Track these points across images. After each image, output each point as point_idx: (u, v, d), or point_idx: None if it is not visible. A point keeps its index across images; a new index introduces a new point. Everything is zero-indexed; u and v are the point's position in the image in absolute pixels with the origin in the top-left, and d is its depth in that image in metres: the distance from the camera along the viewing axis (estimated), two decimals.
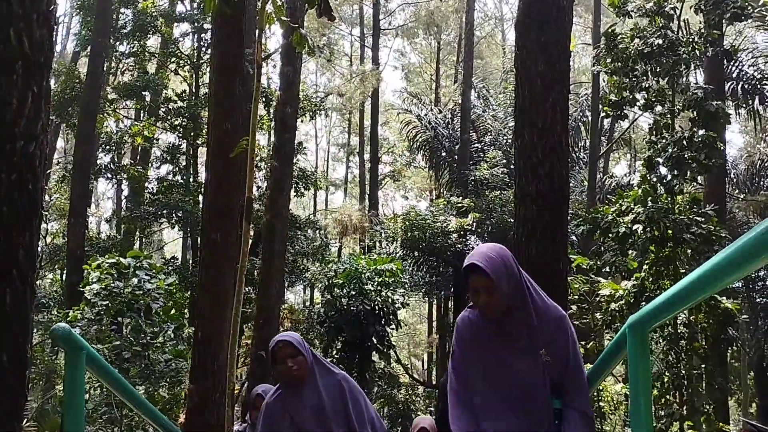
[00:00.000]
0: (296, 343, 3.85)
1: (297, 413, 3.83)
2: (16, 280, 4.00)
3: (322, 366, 3.99)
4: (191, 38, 20.44)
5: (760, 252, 1.31)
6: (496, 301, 2.86)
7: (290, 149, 14.22)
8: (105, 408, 9.53)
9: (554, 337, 2.92)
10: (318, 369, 3.92)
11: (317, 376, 3.89)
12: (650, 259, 9.40)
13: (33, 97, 4.13)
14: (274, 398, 3.96)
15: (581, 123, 21.73)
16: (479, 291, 2.87)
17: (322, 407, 3.82)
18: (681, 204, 9.65)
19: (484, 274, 2.83)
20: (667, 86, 9.96)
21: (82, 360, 2.69)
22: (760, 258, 1.35)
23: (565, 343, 2.95)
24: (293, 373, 3.79)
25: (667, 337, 9.31)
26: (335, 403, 3.84)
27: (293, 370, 3.78)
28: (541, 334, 2.91)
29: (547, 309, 2.97)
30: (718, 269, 1.57)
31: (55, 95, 16.66)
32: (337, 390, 3.89)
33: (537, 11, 6.55)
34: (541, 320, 2.92)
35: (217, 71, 8.28)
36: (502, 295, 2.84)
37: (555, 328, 2.94)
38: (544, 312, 2.95)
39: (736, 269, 1.48)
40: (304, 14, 13.82)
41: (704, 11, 10.77)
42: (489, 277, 2.82)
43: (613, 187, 19.52)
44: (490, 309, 2.90)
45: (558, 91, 6.51)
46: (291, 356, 3.80)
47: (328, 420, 3.80)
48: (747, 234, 1.33)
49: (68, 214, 16.61)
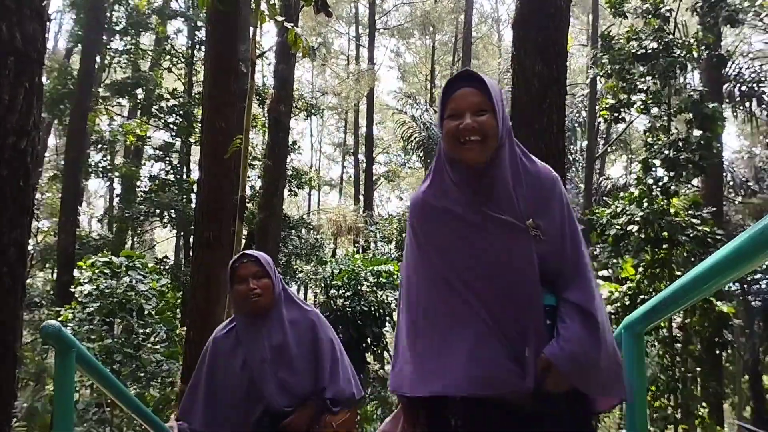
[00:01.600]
0: (264, 262, 3.09)
1: (252, 353, 3.05)
2: (6, 277, 3.95)
3: (292, 300, 3.22)
4: (185, 36, 20.38)
5: (755, 253, 1.32)
6: (488, 129, 2.08)
7: (284, 148, 14.18)
8: (95, 408, 9.46)
9: (546, 203, 2.16)
10: (286, 302, 3.17)
11: (284, 309, 3.14)
12: (645, 261, 9.40)
13: (25, 93, 4.08)
14: (224, 332, 3.19)
15: (578, 124, 21.74)
16: (465, 112, 2.10)
17: (284, 349, 3.05)
18: (677, 206, 9.65)
19: (479, 87, 2.12)
20: (662, 88, 9.96)
21: (71, 358, 2.66)
22: (756, 259, 1.35)
23: (561, 211, 2.18)
24: (254, 298, 3.03)
25: (663, 341, 9.30)
26: (303, 347, 3.09)
27: (254, 293, 3.03)
28: (529, 198, 2.15)
29: (537, 167, 2.22)
30: (714, 269, 1.59)
31: (47, 92, 16.57)
32: (308, 331, 3.13)
33: (534, 11, 6.52)
34: (529, 180, 2.17)
35: (211, 69, 8.24)
36: (494, 126, 2.09)
37: (547, 192, 2.18)
38: (532, 170, 2.20)
39: (731, 269, 1.49)
40: (299, 12, 13.78)
41: (700, 13, 10.79)
42: (485, 90, 2.12)
43: (609, 188, 19.53)
44: (477, 146, 2.09)
45: (555, 92, 6.48)
46: (255, 276, 3.06)
47: (290, 365, 3.05)
48: (742, 234, 1.33)
49: (59, 213, 16.52)
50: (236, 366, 3.09)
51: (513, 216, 2.11)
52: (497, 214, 2.11)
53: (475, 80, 2.15)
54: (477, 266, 2.11)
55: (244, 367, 3.07)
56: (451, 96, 2.15)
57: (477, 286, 2.11)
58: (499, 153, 2.13)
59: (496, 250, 2.11)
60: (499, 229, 2.11)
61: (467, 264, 2.12)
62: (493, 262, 2.10)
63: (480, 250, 2.12)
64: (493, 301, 2.09)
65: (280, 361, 3.05)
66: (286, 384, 3.03)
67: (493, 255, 2.10)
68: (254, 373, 3.04)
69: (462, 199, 2.15)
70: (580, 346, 2.05)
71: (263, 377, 3.02)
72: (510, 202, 2.11)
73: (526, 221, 2.11)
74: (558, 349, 2.05)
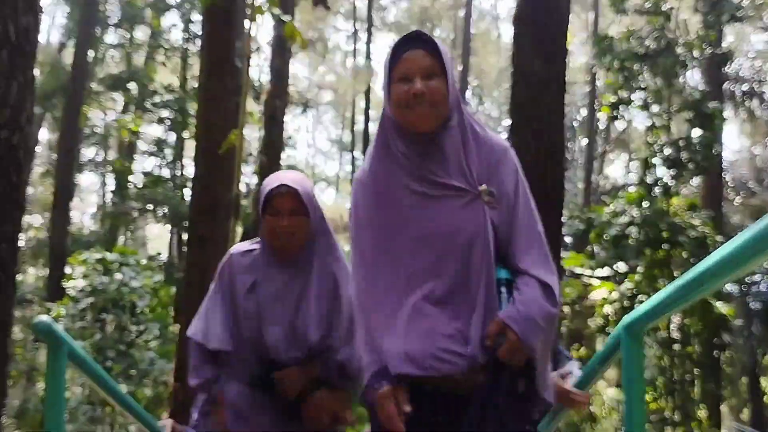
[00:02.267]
0: (304, 196, 2.59)
1: (266, 291, 2.66)
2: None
3: (327, 239, 2.73)
4: (180, 29, 20.27)
5: (754, 253, 1.30)
6: (438, 94, 1.98)
7: (279, 144, 14.11)
8: (87, 406, 9.39)
9: (498, 171, 2.07)
10: (321, 243, 2.70)
11: (315, 255, 2.68)
12: (645, 261, 9.37)
13: (18, 87, 4.02)
14: (244, 251, 2.78)
15: (577, 123, 21.75)
16: (415, 76, 1.98)
17: (304, 298, 2.66)
18: (676, 206, 9.62)
19: (429, 49, 2.01)
20: (664, 87, 9.92)
21: (63, 355, 2.60)
22: (755, 259, 1.34)
23: (514, 179, 2.08)
24: (285, 237, 2.60)
25: (661, 342, 9.27)
26: (321, 300, 2.69)
27: (286, 230, 2.59)
28: (480, 166, 2.05)
29: (487, 135, 2.13)
30: (714, 270, 1.54)
31: (39, 86, 16.47)
32: (330, 282, 2.70)
33: (534, 8, 6.47)
34: (480, 148, 2.07)
35: (206, 63, 8.15)
36: (445, 91, 1.99)
37: (498, 159, 2.09)
38: (483, 138, 2.10)
39: (731, 270, 1.46)
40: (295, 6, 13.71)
41: (702, 12, 10.76)
42: (435, 53, 2.01)
43: (609, 188, 19.54)
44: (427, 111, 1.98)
45: (554, 90, 6.43)
46: (291, 212, 2.59)
47: (305, 315, 2.66)
48: (741, 234, 1.31)
49: (51, 208, 16.42)
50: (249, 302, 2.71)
51: (464, 183, 2.00)
52: (447, 180, 2.01)
53: (424, 42, 2.02)
54: (428, 236, 1.99)
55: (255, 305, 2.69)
56: (400, 58, 2.02)
57: (426, 256, 1.99)
58: (449, 119, 2.04)
59: (448, 217, 1.99)
60: (449, 197, 2.00)
61: (417, 234, 2.00)
62: (444, 231, 1.98)
63: (430, 219, 2.00)
64: (443, 271, 1.97)
65: (295, 311, 2.66)
66: (296, 332, 2.66)
67: (444, 223, 1.99)
68: (263, 312, 2.67)
69: (409, 169, 2.04)
70: (538, 310, 1.93)
71: (272, 319, 2.66)
72: (461, 169, 2.02)
73: (478, 188, 2.00)
74: (515, 311, 1.92)
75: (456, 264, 1.97)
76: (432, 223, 2.00)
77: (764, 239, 1.24)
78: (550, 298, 1.96)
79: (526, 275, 1.98)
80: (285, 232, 2.59)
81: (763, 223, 1.22)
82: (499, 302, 1.95)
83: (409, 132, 2.04)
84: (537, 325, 1.92)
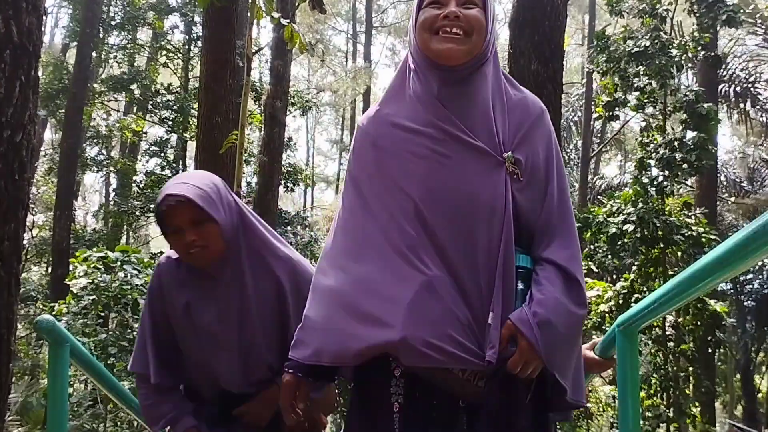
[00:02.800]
0: (201, 200, 2.13)
1: (199, 315, 2.26)
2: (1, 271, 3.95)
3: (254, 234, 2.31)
4: (181, 31, 20.36)
5: (748, 253, 1.32)
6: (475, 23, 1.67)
7: (280, 144, 14.16)
8: (90, 402, 9.46)
9: (530, 137, 1.72)
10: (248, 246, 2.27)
11: (244, 259, 2.25)
12: (640, 260, 9.44)
13: (21, 86, 4.08)
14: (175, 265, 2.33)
15: (573, 123, 21.80)
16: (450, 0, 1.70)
17: (242, 316, 2.25)
18: (671, 205, 9.69)
19: None
20: (659, 88, 9.99)
21: (65, 352, 2.65)
22: (749, 259, 1.35)
23: (547, 149, 1.74)
24: (197, 254, 2.17)
25: (656, 340, 9.34)
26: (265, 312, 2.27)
27: (195, 245, 2.15)
28: (510, 128, 1.71)
29: (522, 92, 1.81)
30: (708, 269, 1.57)
31: (43, 86, 16.55)
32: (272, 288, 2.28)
33: (531, 10, 6.55)
34: (513, 107, 1.74)
35: (208, 64, 8.24)
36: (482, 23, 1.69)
37: (532, 123, 1.74)
38: (517, 96, 1.78)
39: (725, 269, 1.48)
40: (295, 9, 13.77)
41: (697, 14, 10.82)
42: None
43: (604, 187, 19.60)
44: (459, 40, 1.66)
45: (550, 91, 6.51)
46: (193, 223, 2.14)
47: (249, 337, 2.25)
48: (736, 234, 1.33)
49: (54, 207, 16.50)
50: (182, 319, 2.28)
51: (488, 144, 1.66)
52: (469, 137, 1.66)
53: None
54: (437, 198, 1.63)
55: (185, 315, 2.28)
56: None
57: (434, 222, 1.62)
58: (482, 64, 1.71)
59: (463, 180, 1.64)
60: (468, 157, 1.65)
61: (422, 194, 1.64)
62: (457, 196, 1.63)
63: (442, 178, 1.65)
64: (453, 245, 1.61)
65: (235, 332, 2.24)
66: (243, 363, 2.26)
67: (457, 186, 1.64)
68: (204, 337, 2.26)
69: (424, 113, 1.69)
70: (557, 314, 1.58)
71: (213, 351, 2.25)
72: (487, 126, 1.68)
73: (503, 153, 1.66)
74: (529, 315, 1.57)
75: (466, 239, 1.61)
76: (442, 186, 1.64)
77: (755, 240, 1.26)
78: (576, 297, 1.63)
79: (550, 265, 1.64)
80: (194, 248, 2.16)
81: (753, 226, 1.24)
82: (516, 293, 1.63)
83: (434, 67, 1.70)
84: (556, 332, 1.58)
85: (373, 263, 1.65)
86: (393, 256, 1.63)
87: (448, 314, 1.58)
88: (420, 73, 1.73)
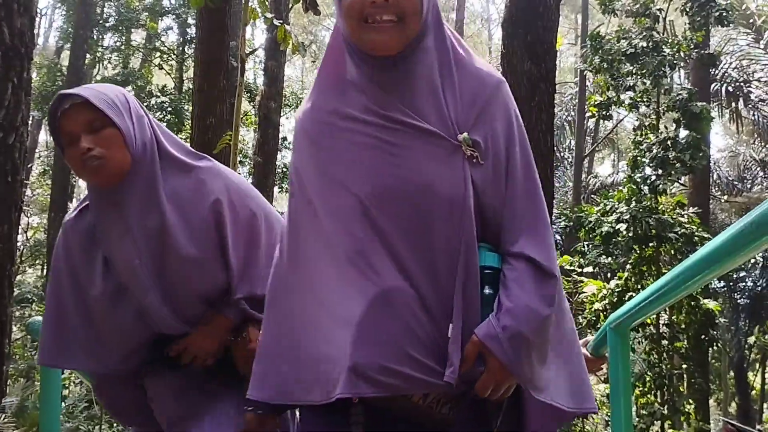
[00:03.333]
0: (101, 102, 1.83)
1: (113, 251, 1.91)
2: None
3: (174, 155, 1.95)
4: (175, 32, 20.36)
5: (739, 249, 1.33)
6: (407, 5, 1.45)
7: (274, 145, 14.16)
8: (85, 404, 9.45)
9: (487, 114, 1.49)
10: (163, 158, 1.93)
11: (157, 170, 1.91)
12: (633, 258, 9.49)
13: (13, 88, 4.08)
14: (75, 215, 2.01)
15: (566, 123, 21.84)
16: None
17: (164, 238, 1.88)
18: (665, 204, 9.74)
19: None
20: (652, 87, 10.04)
21: None
22: (739, 255, 1.36)
23: (508, 127, 1.51)
24: (93, 163, 1.81)
25: (650, 338, 9.38)
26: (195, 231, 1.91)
27: (91, 156, 1.80)
28: (464, 106, 1.48)
29: (476, 64, 1.55)
30: (699, 266, 1.57)
31: (37, 88, 16.53)
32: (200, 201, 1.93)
33: (524, 10, 6.58)
34: (466, 81, 1.50)
35: (201, 66, 8.23)
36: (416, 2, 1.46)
37: (488, 97, 1.51)
38: (471, 69, 1.53)
39: (716, 266, 1.49)
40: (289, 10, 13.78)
41: (689, 13, 10.87)
42: None
43: (598, 186, 19.65)
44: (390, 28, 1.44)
45: (544, 91, 6.54)
46: (89, 129, 1.81)
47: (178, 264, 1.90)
48: (726, 231, 1.34)
49: (49, 209, 16.48)
50: (95, 273, 1.94)
51: (439, 126, 1.44)
52: (416, 121, 1.44)
53: None
54: (386, 194, 1.41)
55: (107, 274, 1.94)
56: None
57: (384, 222, 1.40)
58: (422, 39, 1.49)
59: (414, 171, 1.41)
60: (418, 143, 1.43)
61: (370, 192, 1.42)
62: (409, 189, 1.41)
63: (390, 173, 1.43)
64: (407, 247, 1.39)
65: (160, 259, 1.90)
66: (174, 296, 1.94)
67: (408, 178, 1.42)
68: (124, 280, 1.92)
69: (367, 100, 1.48)
70: (529, 323, 1.37)
71: (139, 288, 1.91)
72: (435, 107, 1.46)
73: (457, 135, 1.44)
74: (498, 329, 1.36)
75: (423, 239, 1.40)
76: (392, 179, 1.42)
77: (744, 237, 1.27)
78: (546, 294, 1.41)
79: (519, 261, 1.42)
80: (91, 159, 1.81)
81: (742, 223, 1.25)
82: (481, 299, 1.41)
83: (365, 56, 1.48)
84: (527, 344, 1.38)
85: (320, 279, 1.46)
86: (341, 267, 1.42)
87: (406, 331, 1.36)
88: (351, 57, 1.51)
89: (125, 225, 1.89)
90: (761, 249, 1.29)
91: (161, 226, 1.88)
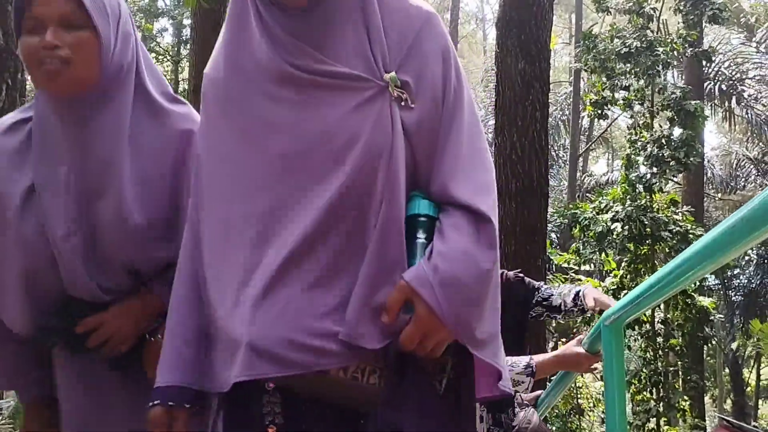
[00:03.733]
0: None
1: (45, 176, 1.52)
2: None
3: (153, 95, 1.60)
4: (171, 34, 20.37)
5: (730, 244, 1.33)
6: None
7: None
8: None
9: (418, 52, 1.31)
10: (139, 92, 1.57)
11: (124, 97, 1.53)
12: (628, 256, 9.52)
13: (7, 89, 4.09)
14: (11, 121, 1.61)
15: (561, 122, 21.88)
16: None
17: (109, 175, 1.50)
18: (659, 202, 9.78)
19: None
20: (646, 86, 10.08)
21: None
22: (730, 250, 1.37)
23: (440, 59, 1.32)
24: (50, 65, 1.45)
25: (645, 335, 9.41)
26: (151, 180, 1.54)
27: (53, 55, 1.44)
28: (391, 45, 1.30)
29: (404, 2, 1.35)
30: (692, 261, 1.57)
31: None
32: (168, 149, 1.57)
33: (518, 10, 6.60)
34: (391, 19, 1.31)
35: (197, 67, 8.24)
36: None
37: (418, 32, 1.32)
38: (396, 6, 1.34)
39: (708, 261, 1.48)
40: None
41: (683, 12, 10.91)
42: None
43: (593, 185, 19.70)
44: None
45: (538, 90, 6.58)
46: (62, 21, 1.45)
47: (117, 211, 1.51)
48: (718, 226, 1.34)
49: None
50: (15, 196, 1.52)
51: (362, 69, 1.27)
52: (335, 66, 1.26)
53: None
54: (302, 153, 1.25)
55: (27, 202, 1.52)
56: None
57: (302, 180, 1.24)
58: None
59: (334, 123, 1.25)
60: (338, 91, 1.26)
61: (284, 150, 1.25)
62: (330, 143, 1.24)
63: (306, 127, 1.26)
64: (329, 207, 1.21)
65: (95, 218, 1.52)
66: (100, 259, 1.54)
67: (328, 131, 1.25)
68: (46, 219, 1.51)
69: (275, 54, 1.27)
70: (466, 268, 1.21)
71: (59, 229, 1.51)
72: (358, 48, 1.29)
73: (383, 76, 1.26)
74: (428, 271, 1.19)
75: (346, 197, 1.23)
76: (309, 134, 1.25)
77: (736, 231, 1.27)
78: (487, 241, 1.24)
79: (455, 207, 1.26)
80: (53, 59, 1.44)
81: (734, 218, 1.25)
82: (413, 254, 1.24)
83: (274, 8, 1.30)
84: (463, 290, 1.21)
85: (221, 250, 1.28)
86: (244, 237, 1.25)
87: (314, 297, 1.20)
88: (256, 8, 1.31)
89: (67, 148, 1.51)
90: (752, 244, 1.30)
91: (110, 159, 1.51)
